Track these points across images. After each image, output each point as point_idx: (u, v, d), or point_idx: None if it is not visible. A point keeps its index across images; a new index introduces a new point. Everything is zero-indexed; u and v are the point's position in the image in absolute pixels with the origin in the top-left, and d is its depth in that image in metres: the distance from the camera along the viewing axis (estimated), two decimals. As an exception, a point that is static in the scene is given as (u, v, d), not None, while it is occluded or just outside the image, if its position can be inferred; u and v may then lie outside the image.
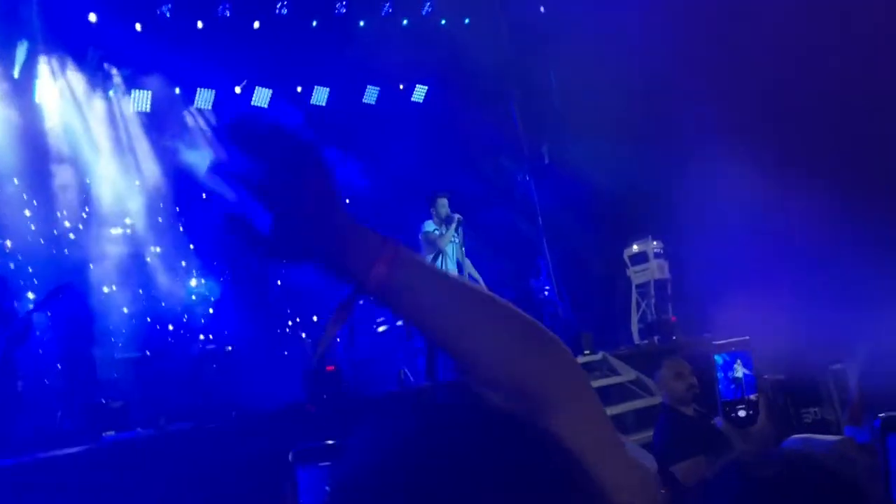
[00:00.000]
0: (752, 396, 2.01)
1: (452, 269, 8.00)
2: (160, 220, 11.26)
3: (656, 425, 4.49)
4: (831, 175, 7.97)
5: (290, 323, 11.39)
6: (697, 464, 4.02)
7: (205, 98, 11.29)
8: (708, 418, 4.46)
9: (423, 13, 12.04)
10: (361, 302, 1.06)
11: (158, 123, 11.10)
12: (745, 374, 2.00)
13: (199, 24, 10.59)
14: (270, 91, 11.62)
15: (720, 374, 2.01)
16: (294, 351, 9.96)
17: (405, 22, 11.96)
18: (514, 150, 12.44)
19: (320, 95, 12.14)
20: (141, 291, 10.65)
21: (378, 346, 9.32)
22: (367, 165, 11.65)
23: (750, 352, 1.98)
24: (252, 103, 11.54)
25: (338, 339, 9.16)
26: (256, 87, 11.52)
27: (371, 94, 12.53)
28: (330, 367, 6.46)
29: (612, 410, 6.42)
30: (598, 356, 7.51)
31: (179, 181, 10.80)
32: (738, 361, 2.01)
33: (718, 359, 2.01)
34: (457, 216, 8.05)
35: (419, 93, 12.86)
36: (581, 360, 7.58)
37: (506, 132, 12.36)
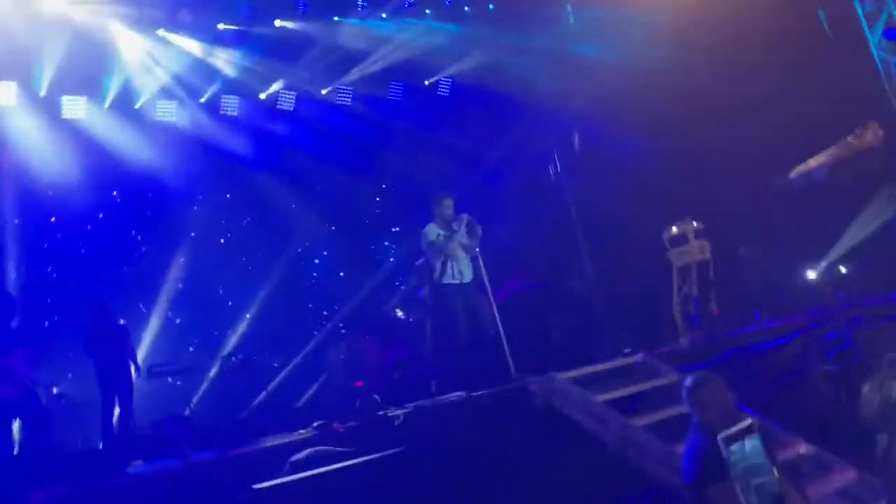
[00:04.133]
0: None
1: (465, 272, 7.67)
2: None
3: (689, 446, 4.17)
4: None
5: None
6: (731, 488, 3.76)
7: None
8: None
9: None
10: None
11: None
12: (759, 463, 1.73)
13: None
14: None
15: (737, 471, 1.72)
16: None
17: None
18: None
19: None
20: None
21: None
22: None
23: (758, 435, 1.71)
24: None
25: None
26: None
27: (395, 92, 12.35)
28: (359, 383, 6.29)
29: (654, 416, 6.12)
30: (638, 357, 7.20)
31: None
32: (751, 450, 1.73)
33: (732, 452, 1.72)
34: (465, 216, 7.68)
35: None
36: (621, 361, 7.30)
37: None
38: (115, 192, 11.00)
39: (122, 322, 8.75)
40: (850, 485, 5.35)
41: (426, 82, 12.47)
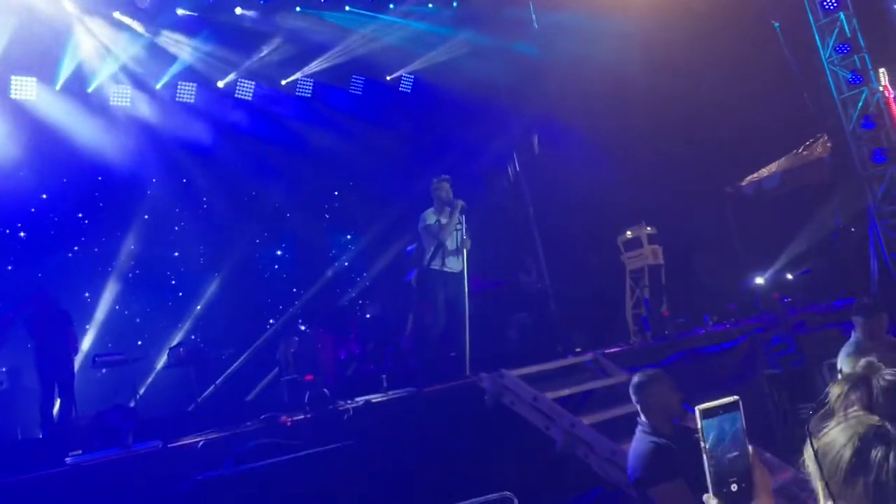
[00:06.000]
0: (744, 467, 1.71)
1: (454, 263, 7.69)
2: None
3: (635, 444, 4.21)
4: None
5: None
6: (678, 488, 3.79)
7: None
8: (689, 434, 4.23)
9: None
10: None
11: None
12: (734, 440, 1.70)
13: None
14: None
15: (708, 445, 1.70)
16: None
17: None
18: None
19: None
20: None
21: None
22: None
23: (739, 413, 1.69)
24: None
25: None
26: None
27: (357, 86, 12.28)
28: (309, 377, 6.22)
29: (602, 415, 6.18)
30: (589, 356, 7.28)
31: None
32: (727, 427, 1.71)
33: (707, 425, 1.69)
34: (459, 202, 7.71)
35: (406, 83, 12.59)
36: (572, 360, 7.37)
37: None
38: (61, 175, 10.62)
39: (63, 309, 8.46)
40: (786, 483, 5.48)
41: (388, 77, 12.43)
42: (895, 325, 5.59)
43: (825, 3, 10.78)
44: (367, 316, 10.94)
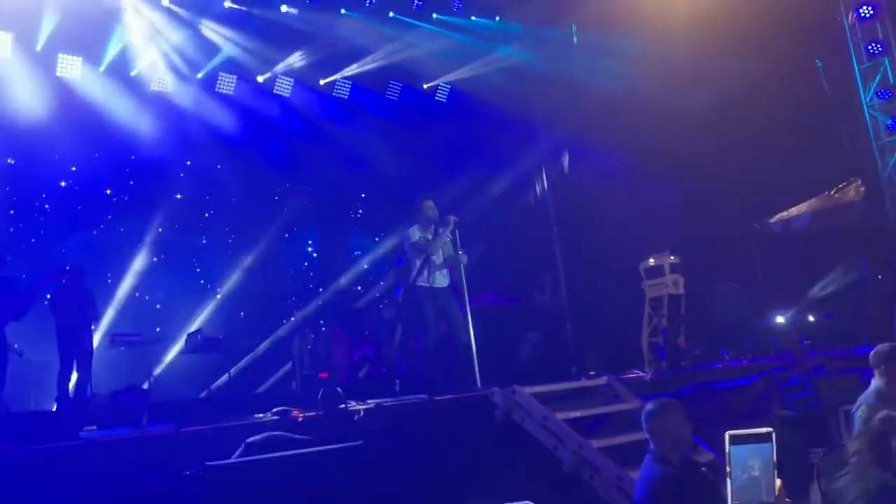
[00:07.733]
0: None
1: (440, 277, 7.71)
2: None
3: (644, 472, 4.20)
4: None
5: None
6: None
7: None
8: (697, 466, 4.22)
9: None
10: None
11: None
12: (761, 470, 1.71)
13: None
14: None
15: (734, 471, 1.71)
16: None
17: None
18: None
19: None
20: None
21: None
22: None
23: (771, 445, 1.69)
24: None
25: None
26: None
27: (393, 91, 12.40)
28: (323, 374, 6.26)
29: (612, 440, 6.17)
30: (603, 380, 7.25)
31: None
32: (755, 457, 1.72)
33: (735, 451, 1.70)
34: (452, 218, 7.73)
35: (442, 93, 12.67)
36: (585, 382, 7.35)
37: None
38: (93, 149, 10.72)
39: (89, 288, 8.58)
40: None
41: (425, 86, 12.54)
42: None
43: (870, 48, 10.71)
44: (384, 319, 10.96)
